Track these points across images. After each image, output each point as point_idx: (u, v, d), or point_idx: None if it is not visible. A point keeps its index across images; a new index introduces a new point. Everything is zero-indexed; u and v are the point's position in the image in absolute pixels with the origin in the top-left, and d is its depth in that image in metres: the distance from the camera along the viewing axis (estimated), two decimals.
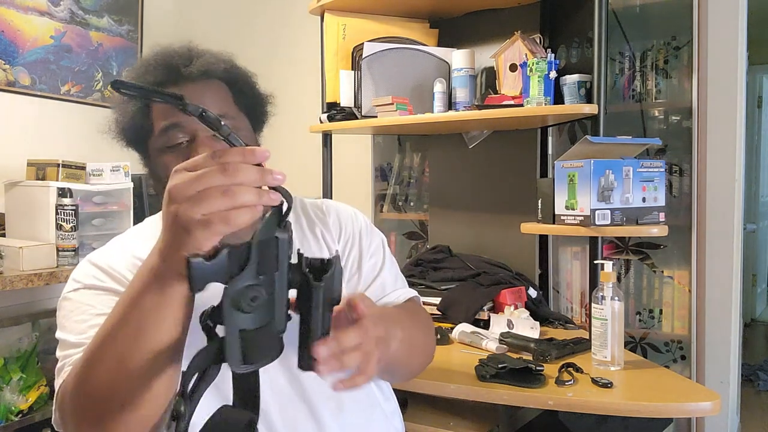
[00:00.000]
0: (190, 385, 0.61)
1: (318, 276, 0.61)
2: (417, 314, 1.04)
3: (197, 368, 0.60)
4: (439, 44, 2.06)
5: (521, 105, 1.66)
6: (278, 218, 0.59)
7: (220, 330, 0.59)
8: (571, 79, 1.61)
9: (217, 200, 0.55)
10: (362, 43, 1.94)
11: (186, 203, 0.56)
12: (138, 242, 0.93)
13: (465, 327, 1.63)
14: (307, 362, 0.60)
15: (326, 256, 1.00)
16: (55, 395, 0.79)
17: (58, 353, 0.85)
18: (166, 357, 0.65)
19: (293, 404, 0.89)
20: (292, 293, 0.62)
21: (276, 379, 0.89)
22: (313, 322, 0.60)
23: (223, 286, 0.56)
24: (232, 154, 0.57)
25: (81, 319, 0.84)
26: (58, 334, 0.87)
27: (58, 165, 1.88)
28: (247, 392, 0.66)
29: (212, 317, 0.61)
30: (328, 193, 2.10)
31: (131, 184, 2.03)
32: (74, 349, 0.81)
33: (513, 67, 1.79)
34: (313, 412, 0.90)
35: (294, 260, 0.62)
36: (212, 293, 0.59)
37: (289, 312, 0.61)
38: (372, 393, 1.00)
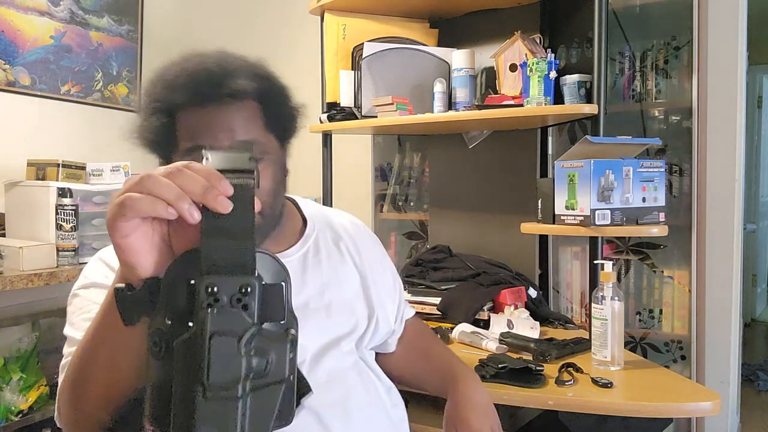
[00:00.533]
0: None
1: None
2: (436, 336, 1.24)
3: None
4: (439, 44, 2.06)
5: (521, 105, 1.66)
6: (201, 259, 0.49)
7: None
8: (571, 79, 1.61)
9: (132, 186, 0.52)
10: (362, 43, 1.94)
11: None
12: None
13: (465, 327, 1.63)
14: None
15: (350, 272, 1.05)
16: (57, 392, 0.79)
17: (65, 349, 0.85)
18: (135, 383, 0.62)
19: (300, 418, 0.89)
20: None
21: None
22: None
23: None
24: (196, 166, 0.53)
25: (87, 317, 0.83)
26: (66, 330, 0.86)
27: (58, 165, 1.89)
28: None
29: None
30: (328, 193, 2.10)
31: None
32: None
33: (513, 67, 1.79)
34: (320, 420, 0.90)
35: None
36: None
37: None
38: (380, 399, 1.01)
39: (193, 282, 0.48)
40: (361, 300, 1.05)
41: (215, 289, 0.46)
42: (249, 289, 0.47)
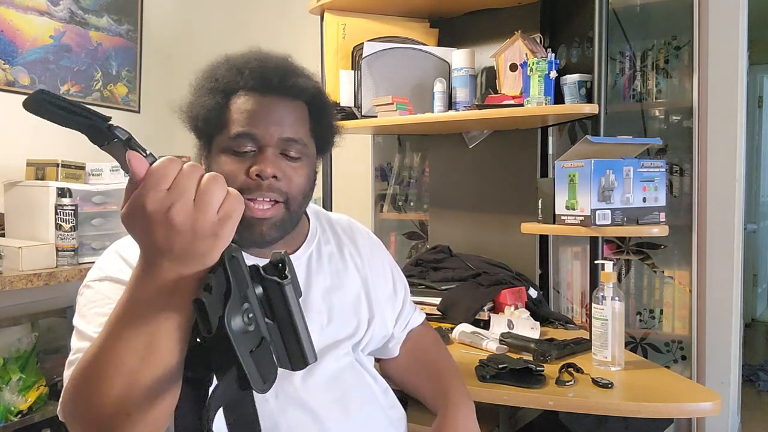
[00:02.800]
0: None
1: (281, 275, 0.59)
2: (444, 348, 1.22)
3: (220, 403, 0.59)
4: (439, 44, 2.06)
5: (521, 105, 1.66)
6: None
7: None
8: (571, 78, 1.61)
9: (220, 189, 0.55)
10: (362, 43, 1.93)
11: (199, 212, 0.54)
12: None
13: (465, 327, 1.63)
14: (302, 360, 0.59)
15: (352, 276, 1.06)
16: (64, 388, 0.76)
17: (73, 342, 0.82)
18: (166, 380, 0.62)
19: (297, 416, 0.89)
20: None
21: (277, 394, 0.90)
22: (296, 320, 0.59)
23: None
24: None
25: (101, 312, 0.82)
26: (76, 321, 0.84)
27: (58, 165, 1.88)
28: (246, 424, 0.63)
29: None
30: (328, 193, 2.09)
31: None
32: (89, 343, 0.78)
33: (513, 67, 1.78)
34: (317, 419, 0.90)
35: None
36: None
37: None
38: (377, 400, 1.01)
39: (234, 255, 0.58)
40: (363, 305, 1.05)
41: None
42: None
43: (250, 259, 0.85)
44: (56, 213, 1.79)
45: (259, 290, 0.59)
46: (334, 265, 1.05)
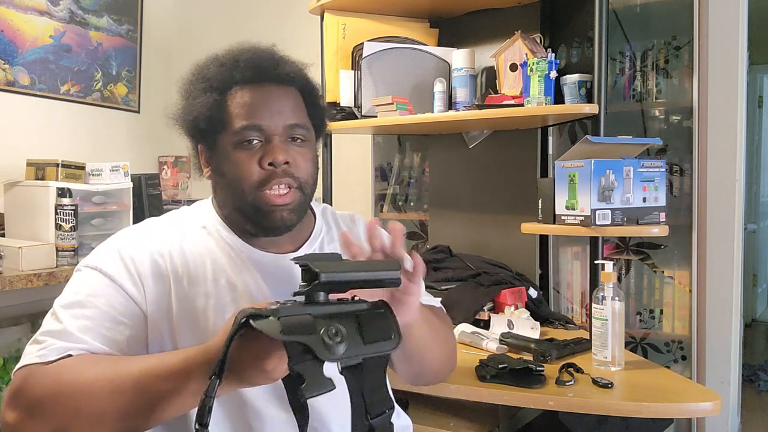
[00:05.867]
0: None
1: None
2: (443, 322, 1.14)
3: None
4: (439, 44, 2.06)
5: (521, 105, 1.66)
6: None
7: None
8: (571, 78, 1.61)
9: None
10: (362, 43, 1.93)
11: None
12: (163, 240, 0.94)
13: (465, 327, 1.63)
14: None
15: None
16: (15, 370, 0.78)
17: (46, 323, 0.83)
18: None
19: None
20: None
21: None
22: None
23: None
24: None
25: (81, 313, 0.83)
26: (59, 302, 0.85)
27: (58, 165, 1.88)
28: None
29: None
30: (328, 193, 2.09)
31: (131, 184, 2.02)
32: (58, 340, 0.80)
33: (513, 67, 1.78)
34: (321, 424, 0.90)
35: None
36: None
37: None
38: None
39: None
40: None
41: None
42: None
43: (265, 255, 0.95)
44: (56, 213, 1.79)
45: None
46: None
